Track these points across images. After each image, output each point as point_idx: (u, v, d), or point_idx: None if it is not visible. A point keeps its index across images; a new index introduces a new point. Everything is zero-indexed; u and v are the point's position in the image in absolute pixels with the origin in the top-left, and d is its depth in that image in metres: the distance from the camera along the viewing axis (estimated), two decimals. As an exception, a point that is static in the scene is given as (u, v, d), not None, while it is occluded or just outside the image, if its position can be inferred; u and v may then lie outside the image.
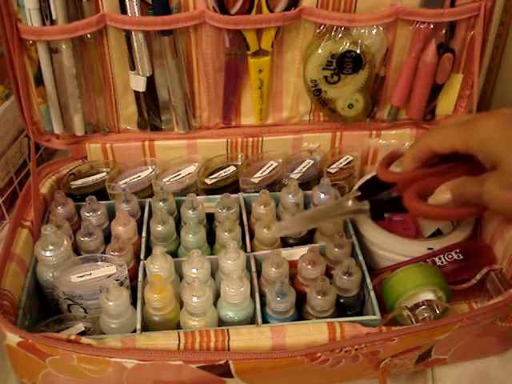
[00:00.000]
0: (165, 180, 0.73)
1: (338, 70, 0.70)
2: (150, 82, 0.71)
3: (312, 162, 0.76)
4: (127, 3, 0.64)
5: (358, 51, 0.69)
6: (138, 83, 0.70)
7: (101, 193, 0.72)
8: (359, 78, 0.71)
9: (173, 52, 0.68)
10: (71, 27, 0.65)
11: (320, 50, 0.69)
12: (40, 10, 0.63)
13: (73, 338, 0.51)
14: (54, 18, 0.64)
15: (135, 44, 0.67)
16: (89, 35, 0.67)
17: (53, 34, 0.65)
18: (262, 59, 0.70)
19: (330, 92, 0.73)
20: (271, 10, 0.66)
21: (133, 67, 0.69)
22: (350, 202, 0.61)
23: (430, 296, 0.59)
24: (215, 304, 0.58)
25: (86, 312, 0.59)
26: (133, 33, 0.67)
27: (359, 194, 0.62)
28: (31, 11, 0.63)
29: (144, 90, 0.71)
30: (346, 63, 0.70)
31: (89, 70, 0.70)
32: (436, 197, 0.57)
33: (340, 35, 0.68)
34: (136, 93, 0.72)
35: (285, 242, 0.67)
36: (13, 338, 0.50)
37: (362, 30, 0.69)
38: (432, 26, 0.68)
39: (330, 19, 0.67)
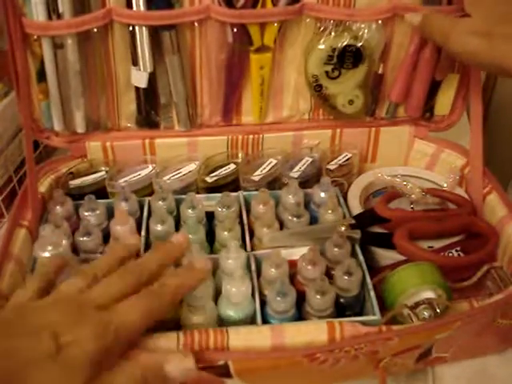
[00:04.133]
0: (165, 178, 0.73)
1: (339, 65, 0.72)
2: (152, 79, 0.70)
3: (311, 159, 0.76)
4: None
5: (358, 45, 0.70)
6: (140, 79, 0.70)
7: (100, 192, 0.71)
8: (359, 73, 0.72)
9: (175, 48, 0.68)
10: (78, 21, 0.64)
11: (321, 45, 0.70)
12: (47, 3, 0.62)
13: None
14: (60, 11, 0.63)
15: (138, 39, 0.67)
16: (95, 29, 0.66)
17: (59, 29, 0.64)
18: (263, 55, 0.71)
19: (330, 87, 0.74)
20: (275, 5, 0.67)
21: (135, 62, 0.69)
22: (342, 228, 0.63)
23: (430, 294, 0.58)
24: (216, 303, 0.58)
25: (85, 312, 0.58)
26: (137, 28, 0.66)
27: (353, 222, 0.66)
28: (37, 5, 0.62)
29: (145, 85, 0.70)
30: (346, 57, 0.71)
31: (92, 66, 0.70)
32: (409, 15, 0.63)
33: (341, 29, 0.70)
34: (137, 90, 0.72)
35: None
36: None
37: (362, 25, 0.70)
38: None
39: (331, 14, 0.69)
